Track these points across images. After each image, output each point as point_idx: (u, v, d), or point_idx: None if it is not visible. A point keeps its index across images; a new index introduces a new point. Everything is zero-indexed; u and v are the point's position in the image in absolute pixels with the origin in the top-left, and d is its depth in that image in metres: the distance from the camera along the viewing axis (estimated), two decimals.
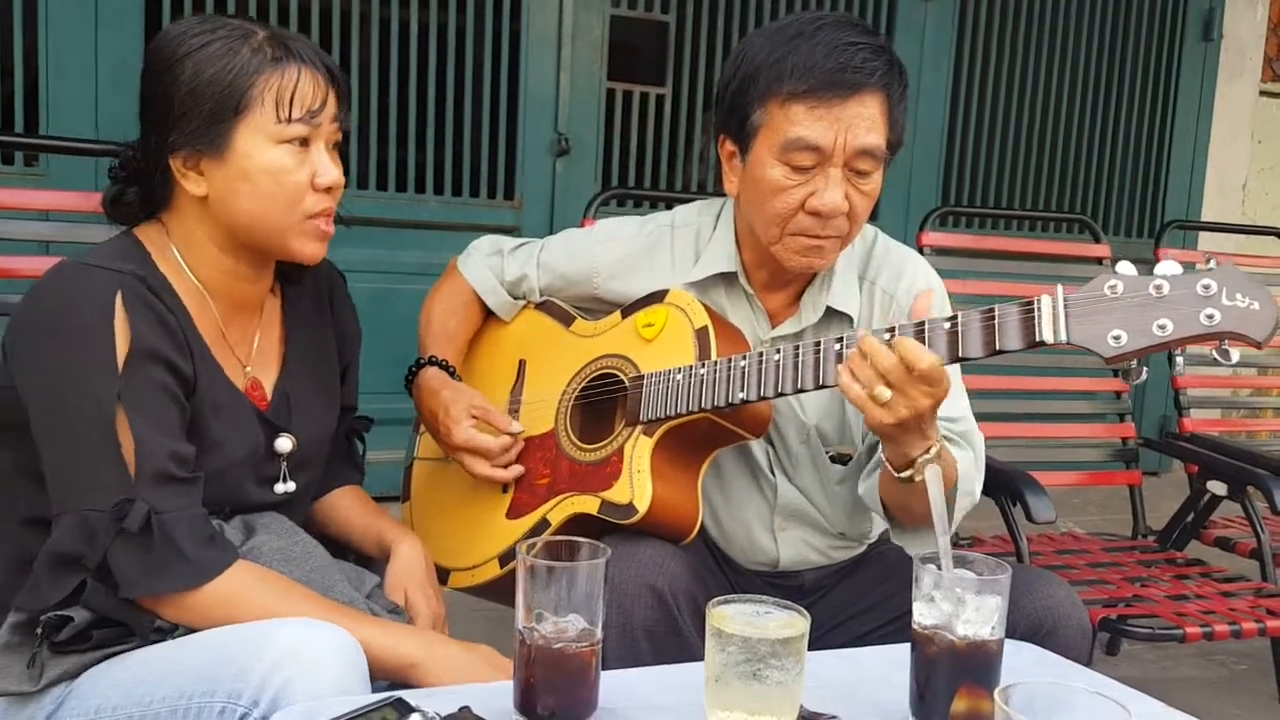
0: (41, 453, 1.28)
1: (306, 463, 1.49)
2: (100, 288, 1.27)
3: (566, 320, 1.76)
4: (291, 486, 1.46)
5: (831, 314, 1.64)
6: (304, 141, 1.35)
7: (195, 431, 1.34)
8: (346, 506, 1.62)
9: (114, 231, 1.44)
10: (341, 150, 1.41)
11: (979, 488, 1.60)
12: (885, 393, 1.31)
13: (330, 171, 1.37)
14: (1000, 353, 1.31)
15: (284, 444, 1.44)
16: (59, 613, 1.25)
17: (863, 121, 1.49)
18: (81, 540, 1.24)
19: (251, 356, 1.45)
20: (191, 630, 1.27)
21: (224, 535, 1.33)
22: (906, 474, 1.41)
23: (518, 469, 1.64)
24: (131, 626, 1.27)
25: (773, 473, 1.66)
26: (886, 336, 1.37)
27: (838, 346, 1.41)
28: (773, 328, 1.66)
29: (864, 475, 1.62)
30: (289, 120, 1.32)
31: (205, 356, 1.36)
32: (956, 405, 1.60)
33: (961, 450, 1.57)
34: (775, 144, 1.51)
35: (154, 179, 1.38)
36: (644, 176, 4.11)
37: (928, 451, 1.39)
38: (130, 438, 1.25)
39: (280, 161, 1.33)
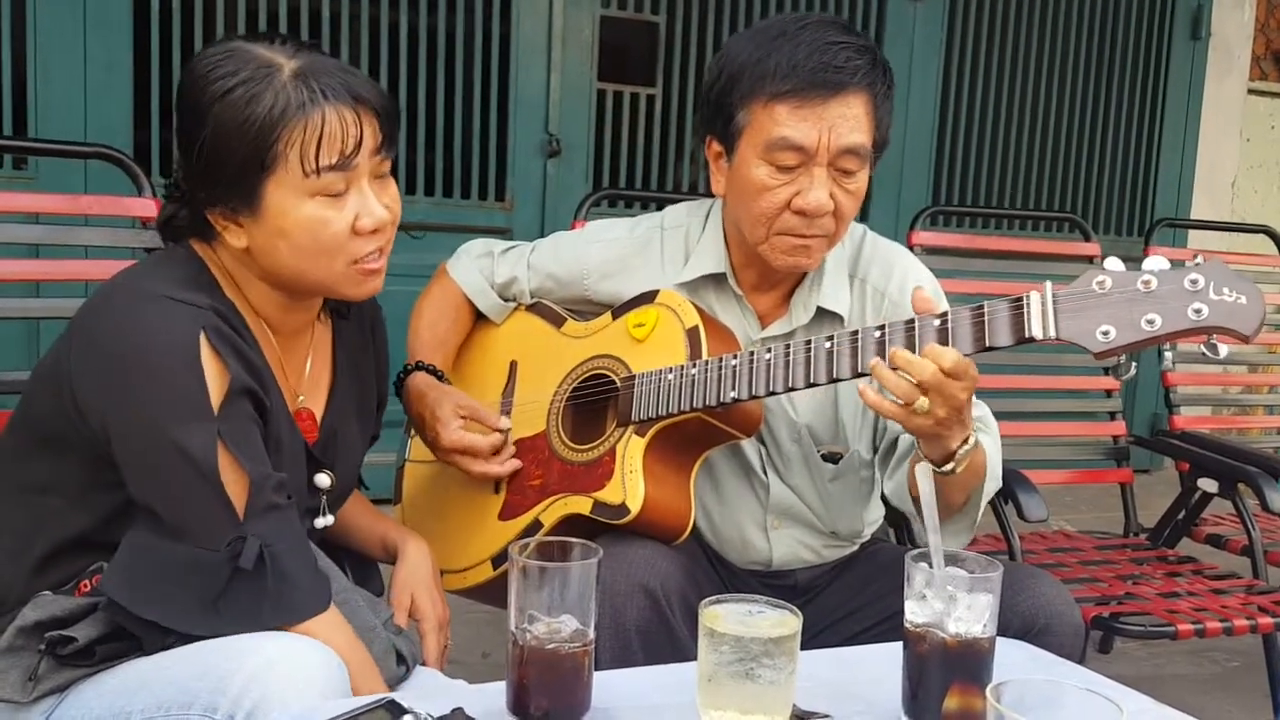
0: (136, 492, 1.25)
1: (343, 496, 1.49)
2: (183, 327, 1.22)
3: (557, 321, 1.75)
4: (330, 520, 1.45)
5: (822, 314, 1.64)
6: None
7: None
8: (349, 510, 1.60)
9: (135, 234, 1.40)
10: None
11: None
12: (925, 403, 1.30)
13: (374, 212, 1.29)
14: (990, 349, 1.32)
15: (323, 480, 1.42)
16: (63, 633, 1.24)
17: (846, 121, 1.49)
18: (199, 576, 1.22)
19: (304, 384, 1.43)
20: (188, 641, 1.26)
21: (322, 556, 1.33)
22: (949, 467, 1.39)
23: (514, 463, 1.64)
24: (143, 641, 1.25)
25: (765, 472, 1.66)
26: (876, 335, 1.37)
27: (828, 345, 1.41)
28: (762, 328, 1.66)
29: (888, 475, 1.62)
30: (317, 173, 1.24)
31: (274, 389, 1.34)
32: None
33: (987, 436, 1.55)
34: (759, 144, 1.51)
35: (199, 218, 1.33)
36: (635, 177, 4.12)
37: (967, 441, 1.38)
38: (241, 475, 1.23)
39: (316, 215, 1.26)
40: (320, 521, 1.43)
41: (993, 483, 1.53)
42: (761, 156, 1.51)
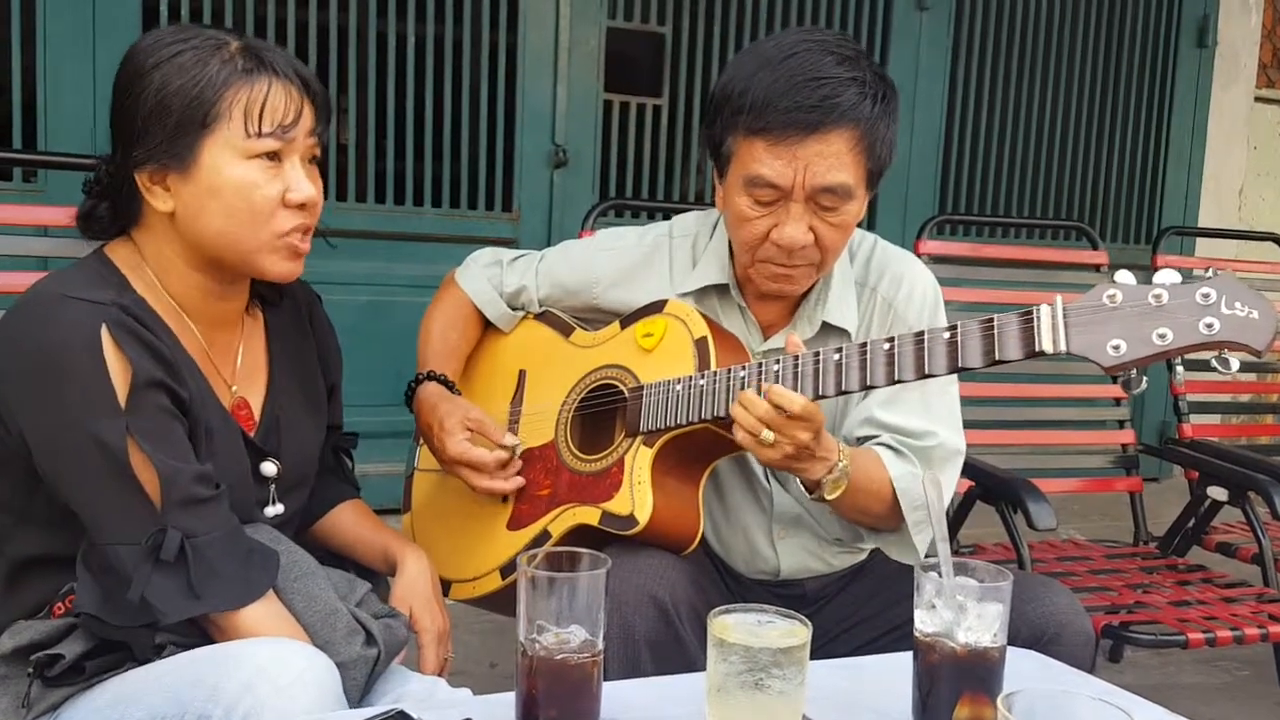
0: (57, 494, 1.26)
1: (296, 485, 1.48)
2: (83, 322, 1.22)
3: (566, 331, 1.76)
4: (280, 509, 1.43)
5: (828, 329, 1.64)
6: (276, 156, 1.30)
7: None
8: (349, 522, 1.60)
9: (90, 247, 1.39)
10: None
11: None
12: (769, 435, 1.39)
13: (304, 187, 1.32)
14: (1000, 363, 1.31)
15: (269, 469, 1.42)
16: (49, 652, 1.24)
17: (823, 160, 1.47)
18: (119, 573, 1.22)
19: (236, 374, 1.43)
20: (181, 650, 1.26)
21: (263, 546, 1.32)
22: (816, 495, 1.49)
23: (518, 481, 1.64)
24: (131, 647, 1.25)
25: (769, 481, 1.66)
26: (885, 348, 1.37)
27: (837, 357, 1.41)
28: (765, 340, 1.66)
29: None
30: (259, 134, 1.28)
31: (196, 377, 1.34)
32: (921, 420, 1.59)
33: (904, 462, 1.56)
34: (740, 176, 1.51)
35: (123, 195, 1.34)
36: (641, 187, 4.12)
37: (830, 471, 1.45)
38: (151, 470, 1.23)
39: (249, 177, 1.29)
40: (270, 510, 1.42)
41: (914, 512, 1.55)
42: (742, 188, 1.52)
